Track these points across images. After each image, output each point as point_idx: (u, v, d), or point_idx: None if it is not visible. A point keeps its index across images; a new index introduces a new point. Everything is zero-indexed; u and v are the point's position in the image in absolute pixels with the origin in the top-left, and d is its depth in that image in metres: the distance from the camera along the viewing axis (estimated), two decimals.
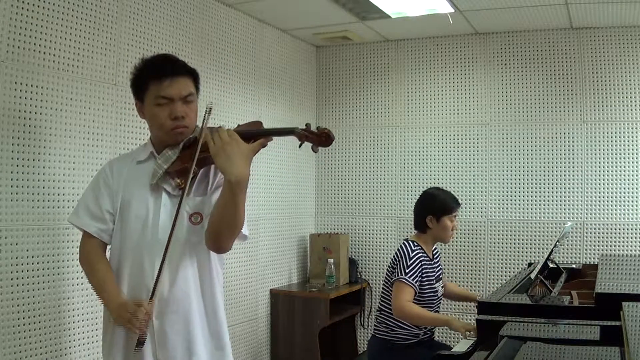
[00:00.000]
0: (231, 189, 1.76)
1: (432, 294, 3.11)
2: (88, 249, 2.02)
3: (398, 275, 3.02)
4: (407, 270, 3.01)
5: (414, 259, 3.04)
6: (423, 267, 3.07)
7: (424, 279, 3.07)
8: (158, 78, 1.92)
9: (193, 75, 2.01)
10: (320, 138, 1.84)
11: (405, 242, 3.16)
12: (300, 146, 1.88)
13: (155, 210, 1.94)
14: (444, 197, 3.19)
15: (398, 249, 3.14)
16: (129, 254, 1.96)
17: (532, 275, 2.74)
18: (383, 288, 3.21)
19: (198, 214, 1.94)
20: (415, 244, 3.14)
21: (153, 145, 2.02)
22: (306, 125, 1.85)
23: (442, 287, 3.26)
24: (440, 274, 3.24)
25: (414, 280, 3.01)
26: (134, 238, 1.95)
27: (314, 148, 1.86)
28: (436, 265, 3.22)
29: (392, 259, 3.16)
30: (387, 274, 3.18)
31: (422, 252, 3.11)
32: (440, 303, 3.26)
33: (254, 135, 1.85)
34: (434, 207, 3.16)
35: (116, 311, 1.87)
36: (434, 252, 3.25)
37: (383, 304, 3.17)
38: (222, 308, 2.01)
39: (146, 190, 1.96)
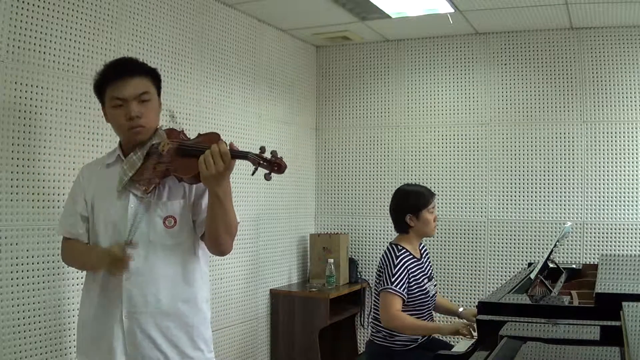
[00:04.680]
0: (219, 200, 1.87)
1: (423, 295, 3.02)
2: (67, 245, 2.12)
3: (384, 285, 2.94)
4: (392, 279, 2.93)
5: (398, 265, 2.96)
6: (409, 270, 2.99)
7: (412, 282, 2.99)
8: (113, 80, 1.98)
9: (151, 75, 2.05)
10: (272, 166, 1.77)
11: (389, 247, 3.08)
12: (253, 173, 1.81)
13: (123, 214, 1.98)
14: (417, 192, 3.10)
15: (383, 255, 3.06)
16: None
17: (532, 275, 2.74)
18: (374, 295, 3.13)
19: (172, 218, 2.00)
20: (400, 247, 3.05)
21: (121, 148, 2.08)
22: (260, 149, 1.79)
23: (435, 285, 3.19)
24: (431, 272, 3.17)
25: (401, 288, 2.92)
26: (106, 242, 2.00)
27: (267, 176, 1.77)
28: (426, 263, 3.15)
29: (378, 265, 3.09)
30: (375, 281, 3.10)
31: (407, 255, 3.03)
32: (434, 303, 3.17)
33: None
34: (411, 205, 3.07)
35: (100, 259, 1.95)
36: (421, 251, 3.18)
37: (377, 311, 3.06)
38: (196, 311, 2.04)
39: (113, 194, 2.01)
